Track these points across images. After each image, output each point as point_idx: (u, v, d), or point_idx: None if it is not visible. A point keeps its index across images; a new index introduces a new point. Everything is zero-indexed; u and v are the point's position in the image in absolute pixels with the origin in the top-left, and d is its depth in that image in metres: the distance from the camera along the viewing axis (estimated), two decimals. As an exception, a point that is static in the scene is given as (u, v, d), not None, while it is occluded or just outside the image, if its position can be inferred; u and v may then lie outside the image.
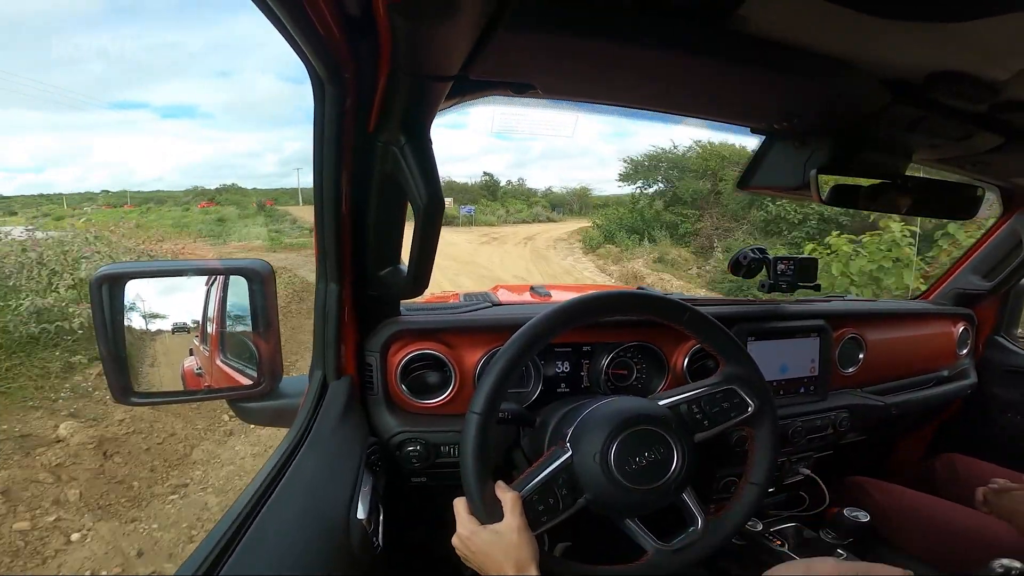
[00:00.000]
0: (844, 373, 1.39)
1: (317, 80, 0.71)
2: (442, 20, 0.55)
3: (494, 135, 64.80)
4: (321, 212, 0.83)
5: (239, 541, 0.56)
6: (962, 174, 1.29)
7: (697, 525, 0.86)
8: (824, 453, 1.35)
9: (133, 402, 0.84)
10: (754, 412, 0.90)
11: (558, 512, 0.79)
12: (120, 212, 25.24)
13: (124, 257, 7.71)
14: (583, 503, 0.80)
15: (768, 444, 0.91)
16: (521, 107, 0.92)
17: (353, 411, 0.93)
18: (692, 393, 0.89)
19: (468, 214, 26.92)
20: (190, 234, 16.99)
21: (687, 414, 0.88)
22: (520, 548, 0.71)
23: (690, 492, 0.86)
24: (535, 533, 0.75)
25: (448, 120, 1.07)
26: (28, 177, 53.59)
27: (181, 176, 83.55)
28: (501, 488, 0.77)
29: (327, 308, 0.92)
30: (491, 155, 76.60)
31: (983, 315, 1.77)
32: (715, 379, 0.91)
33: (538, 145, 60.60)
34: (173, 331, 0.92)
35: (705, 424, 0.88)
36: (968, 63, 0.72)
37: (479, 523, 0.75)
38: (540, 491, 0.78)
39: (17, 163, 61.92)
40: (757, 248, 1.35)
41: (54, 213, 25.08)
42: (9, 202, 33.30)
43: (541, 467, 0.80)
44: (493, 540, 0.73)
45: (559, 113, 0.95)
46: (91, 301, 0.79)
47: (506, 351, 0.80)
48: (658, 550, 0.83)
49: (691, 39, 0.69)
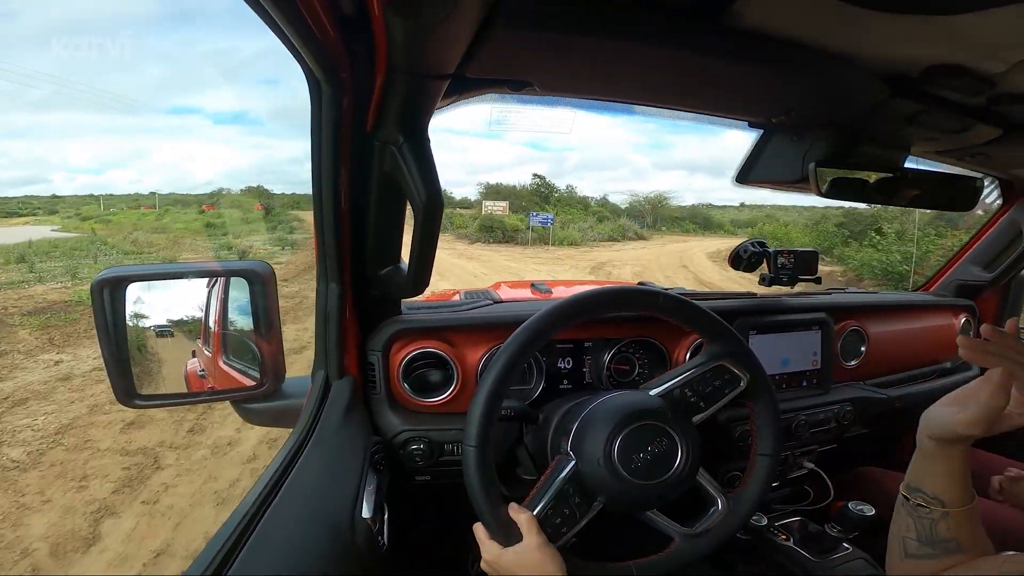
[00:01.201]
0: (846, 366, 1.39)
1: (313, 81, 0.71)
2: (438, 18, 0.55)
3: (529, 145, 64.46)
4: (320, 212, 0.83)
5: (246, 541, 0.56)
6: (961, 166, 1.29)
7: (718, 505, 0.86)
8: (828, 447, 1.35)
9: (137, 405, 0.85)
10: (748, 385, 0.90)
11: (576, 520, 0.79)
12: (137, 214, 25.21)
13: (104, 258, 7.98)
14: (599, 506, 0.80)
15: (769, 413, 0.90)
16: (519, 104, 0.92)
17: (356, 410, 0.93)
18: (682, 377, 0.89)
19: (544, 225, 21.01)
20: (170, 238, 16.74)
21: (681, 398, 0.88)
22: (545, 564, 0.72)
23: (703, 474, 0.86)
24: (558, 545, 0.76)
25: (481, 130, 1.08)
26: (88, 178, 54.91)
27: (229, 181, 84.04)
28: (515, 510, 0.77)
29: (328, 308, 0.92)
30: (526, 164, 75.97)
31: (984, 306, 1.77)
32: (702, 358, 0.91)
33: (575, 155, 60.29)
34: (158, 335, 0.92)
35: (701, 405, 0.88)
36: (965, 56, 0.72)
37: (500, 546, 0.75)
38: (553, 505, 0.78)
39: (78, 164, 62.76)
40: (757, 241, 1.35)
41: (83, 213, 25.18)
42: (58, 202, 33.39)
43: (549, 481, 0.80)
44: (519, 561, 0.74)
45: (557, 110, 0.95)
46: (92, 304, 0.79)
47: (506, 349, 0.80)
48: (684, 535, 0.83)
49: (687, 34, 0.69)
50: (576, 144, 66.30)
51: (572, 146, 66.27)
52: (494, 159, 70.74)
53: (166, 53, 47.28)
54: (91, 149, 53.40)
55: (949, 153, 1.18)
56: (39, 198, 33.98)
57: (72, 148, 61.85)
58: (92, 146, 52.63)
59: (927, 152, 1.19)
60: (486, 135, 69.98)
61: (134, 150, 44.23)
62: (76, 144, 49.19)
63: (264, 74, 59.27)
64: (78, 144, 48.71)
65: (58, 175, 76.07)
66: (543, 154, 69.52)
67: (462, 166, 63.49)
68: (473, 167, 63.58)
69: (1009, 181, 1.51)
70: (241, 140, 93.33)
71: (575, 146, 64.99)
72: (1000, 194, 1.59)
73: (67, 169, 64.42)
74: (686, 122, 1.01)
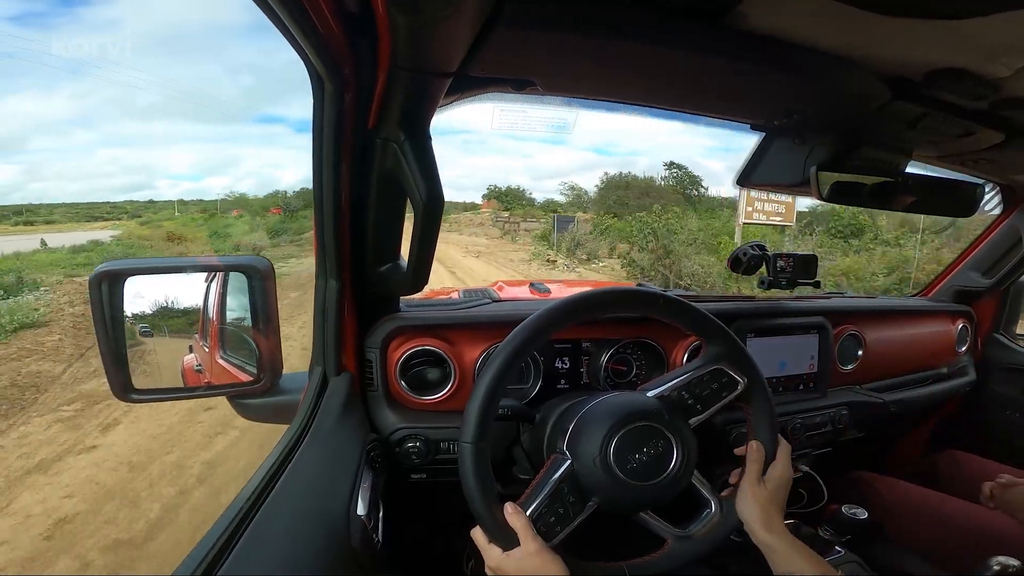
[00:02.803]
0: (843, 370, 1.39)
1: (316, 77, 0.70)
2: (441, 16, 0.55)
3: (594, 149, 63.92)
4: (321, 209, 0.83)
5: (239, 538, 0.56)
6: (962, 171, 1.29)
7: (711, 508, 0.86)
8: (823, 450, 1.35)
9: (133, 399, 0.85)
10: (744, 388, 0.89)
11: (570, 520, 0.78)
12: (186, 218, 25.27)
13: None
14: (593, 506, 0.79)
15: (765, 416, 0.90)
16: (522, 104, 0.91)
17: (353, 407, 0.93)
18: (680, 379, 0.88)
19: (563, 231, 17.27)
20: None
21: (678, 400, 0.87)
22: (546, 568, 0.72)
23: (698, 476, 0.86)
24: (552, 544, 0.76)
25: (546, 135, 1.08)
26: (189, 184, 55.23)
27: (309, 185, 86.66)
28: (510, 513, 0.76)
29: (327, 304, 0.92)
30: (588, 172, 74.73)
31: (982, 312, 1.78)
32: (700, 361, 0.90)
33: (643, 160, 59.20)
34: (141, 334, 0.91)
35: (698, 408, 0.88)
36: (969, 60, 0.72)
37: (500, 550, 0.75)
38: (548, 503, 0.77)
39: (180, 171, 63.34)
40: (757, 244, 1.35)
41: (143, 218, 25.29)
42: (149, 207, 33.61)
43: (544, 479, 0.80)
44: (521, 567, 0.74)
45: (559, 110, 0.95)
46: (90, 298, 0.79)
47: (504, 348, 0.80)
48: (678, 537, 0.83)
49: (691, 35, 0.69)
50: (643, 148, 65.09)
51: (639, 150, 65.01)
52: (559, 164, 69.82)
53: (252, 63, 47.56)
54: (191, 157, 54.36)
55: (951, 158, 1.18)
56: (134, 203, 34.05)
57: (175, 156, 62.88)
58: (192, 154, 53.49)
59: (928, 157, 1.19)
60: (551, 140, 69.37)
61: (229, 157, 45.14)
62: (178, 152, 50.37)
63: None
64: (180, 152, 49.90)
65: (163, 182, 77.56)
66: (609, 159, 68.57)
67: (526, 171, 62.90)
68: (536, 172, 63.32)
69: (1010, 187, 1.51)
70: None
71: (642, 150, 63.92)
72: (1000, 200, 1.59)
73: (170, 176, 65.50)
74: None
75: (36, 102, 37.22)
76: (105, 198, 33.78)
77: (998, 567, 0.91)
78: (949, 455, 1.52)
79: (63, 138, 39.29)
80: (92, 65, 45.77)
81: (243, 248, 16.10)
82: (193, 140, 55.82)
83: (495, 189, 22.99)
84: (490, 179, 67.51)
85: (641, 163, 61.86)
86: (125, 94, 44.82)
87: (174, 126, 55.31)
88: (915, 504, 1.28)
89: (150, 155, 54.90)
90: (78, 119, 39.10)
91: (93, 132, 44.76)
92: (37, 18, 37.55)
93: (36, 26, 40.64)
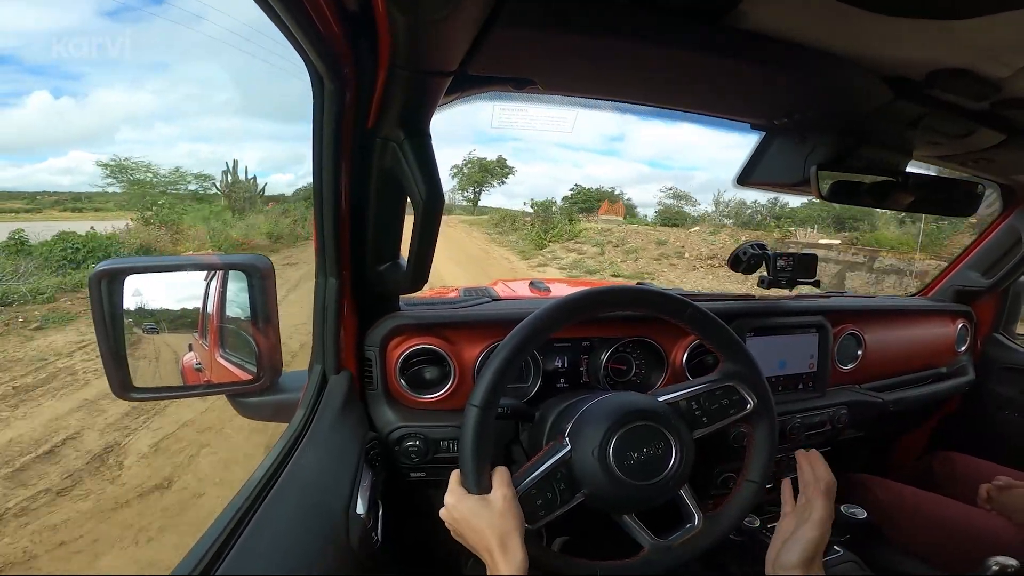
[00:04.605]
0: (842, 369, 1.40)
1: (316, 76, 0.70)
2: (441, 16, 0.55)
3: (648, 162, 63.13)
4: (320, 207, 0.83)
5: (239, 536, 0.56)
6: (962, 171, 1.29)
7: (694, 522, 0.86)
8: (822, 450, 1.35)
9: (132, 397, 0.85)
10: (753, 410, 0.90)
11: (555, 507, 0.78)
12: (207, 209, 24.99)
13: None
14: (580, 498, 0.80)
15: (766, 442, 0.91)
16: (521, 103, 0.91)
17: (352, 406, 0.93)
18: (692, 390, 0.89)
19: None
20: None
21: (686, 410, 0.88)
22: (504, 517, 0.71)
23: (687, 489, 0.86)
24: (533, 528, 0.75)
25: (600, 145, 1.08)
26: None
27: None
28: (497, 472, 0.76)
29: (326, 303, 0.92)
30: (641, 185, 72.83)
31: (982, 312, 1.78)
32: (715, 376, 0.91)
33: (701, 175, 57.49)
34: (146, 331, 0.91)
35: (704, 421, 0.88)
36: (970, 60, 0.72)
37: (465, 492, 0.74)
38: (539, 486, 0.78)
39: (249, 167, 63.76)
40: (757, 244, 1.35)
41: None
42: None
43: (540, 461, 0.80)
44: (477, 509, 0.72)
45: (559, 109, 0.95)
46: (90, 297, 0.79)
47: (505, 346, 0.80)
48: (654, 546, 0.83)
49: (691, 35, 0.68)
50: (701, 163, 64.11)
51: (697, 165, 63.41)
52: (611, 175, 68.78)
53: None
54: (260, 153, 54.21)
55: (951, 158, 1.18)
56: (199, 193, 33.70)
57: (246, 152, 62.92)
58: (260, 151, 53.37)
59: (929, 156, 1.19)
60: (603, 151, 68.03)
61: (293, 155, 44.95)
62: (249, 148, 50.41)
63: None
64: (250, 148, 50.03)
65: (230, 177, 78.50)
66: (664, 172, 66.31)
67: (579, 181, 61.38)
68: (589, 182, 60.55)
69: (1010, 187, 1.51)
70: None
71: (700, 165, 62.55)
72: (1000, 200, 1.59)
73: (240, 172, 66.68)
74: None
75: (125, 94, 37.80)
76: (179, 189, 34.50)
77: (997, 567, 0.91)
78: (944, 456, 1.52)
79: (147, 131, 40.10)
80: (176, 61, 45.92)
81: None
82: (262, 137, 55.72)
83: (534, 201, 22.35)
84: (539, 188, 65.07)
85: (699, 178, 59.60)
86: (203, 90, 44.99)
87: (246, 123, 55.40)
88: (912, 505, 1.29)
89: (223, 150, 55.01)
90: (162, 112, 39.62)
91: (174, 126, 45.25)
92: (129, 12, 38.12)
93: (129, 20, 40.97)
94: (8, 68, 38.30)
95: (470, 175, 40.59)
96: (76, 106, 42.37)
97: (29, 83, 42.16)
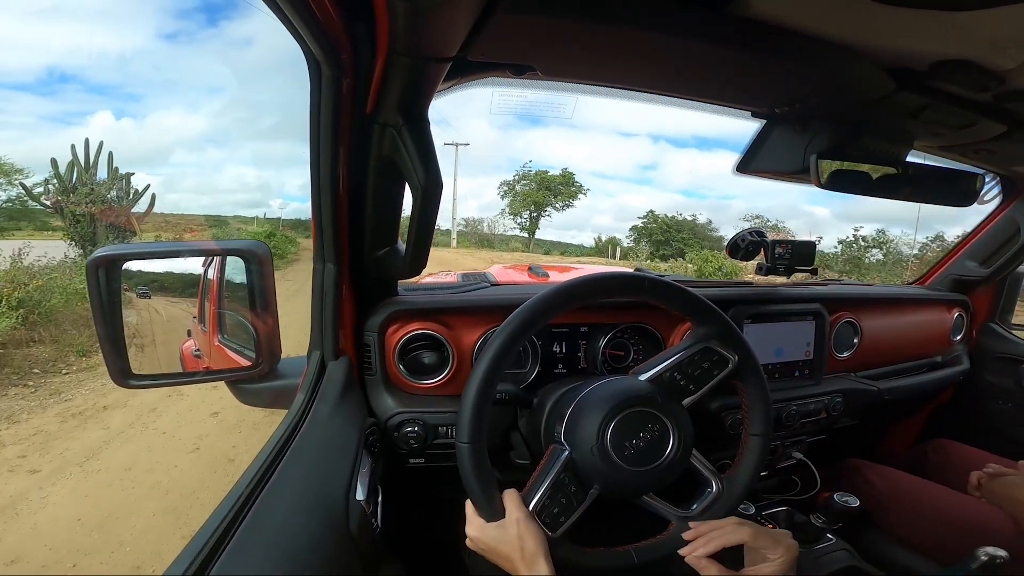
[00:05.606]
0: (838, 357, 1.40)
1: (314, 62, 0.69)
2: (440, 1, 0.54)
3: (682, 192, 60.87)
4: (318, 194, 0.83)
5: (240, 522, 0.56)
6: (963, 161, 1.29)
7: (712, 487, 0.87)
8: (817, 437, 1.37)
9: (131, 384, 0.84)
10: (736, 364, 0.89)
11: (573, 509, 0.79)
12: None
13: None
14: (595, 494, 0.80)
15: (759, 392, 0.91)
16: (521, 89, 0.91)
17: (351, 392, 0.93)
18: (671, 360, 0.89)
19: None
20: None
21: (671, 382, 0.88)
22: (523, 539, 0.72)
23: (697, 456, 0.87)
24: (557, 534, 0.77)
25: (632, 174, 1.06)
26: (296, 205, 55.81)
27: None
28: (508, 495, 0.77)
29: (325, 288, 0.91)
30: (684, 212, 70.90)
31: (978, 302, 1.79)
32: (689, 341, 0.90)
33: (739, 203, 54.78)
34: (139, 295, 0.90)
35: (691, 388, 0.88)
36: (973, 52, 0.71)
37: (484, 521, 0.76)
38: (550, 494, 0.78)
39: (290, 192, 63.65)
40: (755, 231, 1.35)
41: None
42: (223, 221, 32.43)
43: (544, 471, 0.80)
44: (499, 536, 0.74)
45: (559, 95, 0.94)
46: (87, 284, 0.79)
47: (502, 332, 0.80)
48: (681, 518, 0.84)
49: (693, 22, 0.68)
50: (740, 192, 63.98)
51: (734, 194, 62.90)
52: (645, 204, 66.31)
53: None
54: (300, 179, 54.42)
55: (951, 148, 1.18)
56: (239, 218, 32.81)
57: (287, 177, 63.33)
58: (301, 178, 53.57)
59: (929, 146, 1.19)
60: (637, 179, 66.78)
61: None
62: (290, 173, 50.91)
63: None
64: (291, 173, 50.53)
65: (276, 200, 79.39)
66: (700, 202, 64.00)
67: (611, 211, 58.15)
68: (623, 212, 57.34)
69: (1010, 178, 1.51)
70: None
71: (738, 194, 60.99)
72: (1000, 190, 1.59)
73: (282, 196, 66.91)
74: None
75: (179, 118, 38.65)
76: (225, 212, 35.00)
77: (986, 557, 0.92)
78: (936, 444, 1.54)
79: (199, 154, 40.94)
80: (227, 85, 46.40)
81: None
82: (299, 164, 55.76)
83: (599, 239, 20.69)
84: (571, 218, 62.53)
85: (737, 207, 57.84)
86: (253, 114, 45.59)
87: (291, 147, 55.71)
88: (905, 493, 1.30)
89: (267, 175, 55.51)
90: (213, 136, 40.26)
91: (223, 149, 45.81)
92: (187, 36, 38.42)
93: (185, 42, 40.98)
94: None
95: (526, 195, 32.23)
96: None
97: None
